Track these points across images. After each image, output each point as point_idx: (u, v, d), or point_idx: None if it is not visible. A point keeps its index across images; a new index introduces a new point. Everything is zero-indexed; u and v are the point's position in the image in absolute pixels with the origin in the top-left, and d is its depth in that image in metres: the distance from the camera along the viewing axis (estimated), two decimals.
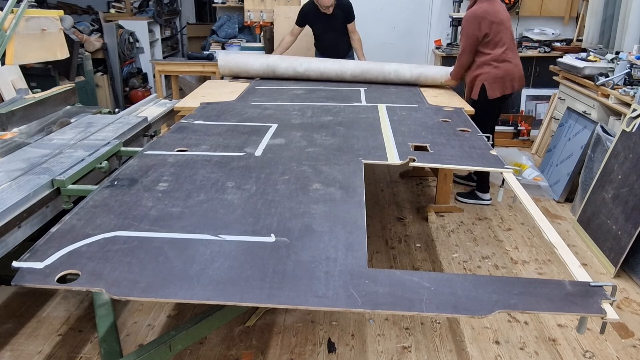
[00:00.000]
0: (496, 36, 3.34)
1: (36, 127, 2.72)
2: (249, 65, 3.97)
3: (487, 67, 3.40)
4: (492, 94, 3.41)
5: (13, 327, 2.32)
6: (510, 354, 2.19)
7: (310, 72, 3.94)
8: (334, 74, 3.93)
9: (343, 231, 1.60)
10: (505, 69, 3.39)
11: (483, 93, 3.44)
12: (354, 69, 3.91)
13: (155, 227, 1.60)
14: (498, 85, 3.41)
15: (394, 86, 3.87)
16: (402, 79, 3.90)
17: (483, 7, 3.34)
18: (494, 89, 3.41)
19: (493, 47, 3.36)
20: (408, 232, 3.25)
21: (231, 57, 4.06)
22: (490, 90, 3.41)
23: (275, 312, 2.43)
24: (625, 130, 3.05)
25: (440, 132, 2.66)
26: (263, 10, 5.32)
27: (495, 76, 3.39)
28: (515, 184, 2.06)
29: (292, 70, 3.94)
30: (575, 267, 1.49)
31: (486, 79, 3.41)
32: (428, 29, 5.84)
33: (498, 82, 3.40)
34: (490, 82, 3.40)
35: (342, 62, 4.00)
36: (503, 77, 3.39)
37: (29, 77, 3.76)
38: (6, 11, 2.41)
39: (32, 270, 1.35)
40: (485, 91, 3.42)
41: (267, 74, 3.99)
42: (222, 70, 4.03)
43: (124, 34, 5.77)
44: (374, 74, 3.89)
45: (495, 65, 3.38)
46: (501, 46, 3.36)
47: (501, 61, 3.38)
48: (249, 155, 2.27)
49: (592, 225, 3.11)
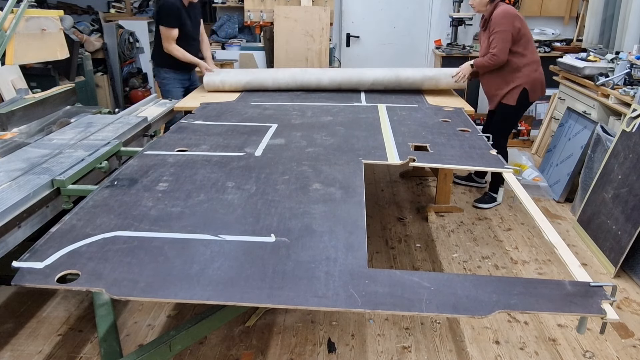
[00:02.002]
0: (526, 35, 3.25)
1: (36, 127, 2.72)
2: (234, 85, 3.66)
3: (527, 70, 3.28)
4: (534, 97, 3.34)
5: (13, 327, 2.32)
6: (510, 354, 2.19)
7: (311, 83, 3.65)
8: (349, 83, 3.64)
9: (343, 231, 1.60)
10: (541, 71, 3.35)
11: (523, 97, 3.33)
12: (375, 78, 3.60)
13: (155, 227, 1.60)
14: (539, 88, 3.35)
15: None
16: (414, 85, 3.64)
17: (509, 7, 3.25)
18: (536, 92, 3.34)
19: (525, 47, 3.26)
20: (408, 232, 3.25)
21: (218, 78, 3.65)
22: (532, 93, 3.33)
23: (275, 312, 2.42)
24: (625, 130, 3.05)
25: (440, 132, 2.66)
26: (263, 10, 5.32)
27: (535, 79, 3.31)
28: (515, 184, 2.06)
29: (288, 83, 3.66)
30: (575, 267, 1.49)
31: (527, 82, 3.29)
32: (428, 29, 5.84)
33: (539, 85, 3.34)
34: (532, 85, 3.31)
35: (352, 72, 3.66)
36: (541, 79, 3.35)
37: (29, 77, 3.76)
38: (6, 11, 2.41)
39: (32, 270, 1.35)
40: (527, 95, 3.32)
41: (256, 87, 3.69)
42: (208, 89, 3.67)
43: (124, 34, 5.77)
44: (389, 81, 3.61)
45: (535, 68, 3.31)
46: (531, 46, 3.29)
47: (538, 62, 3.32)
48: (249, 155, 2.27)
49: (592, 225, 3.11)
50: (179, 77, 3.83)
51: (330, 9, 5.11)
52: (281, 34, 5.06)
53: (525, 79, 3.29)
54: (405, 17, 5.78)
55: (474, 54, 5.57)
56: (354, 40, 5.85)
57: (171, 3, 3.56)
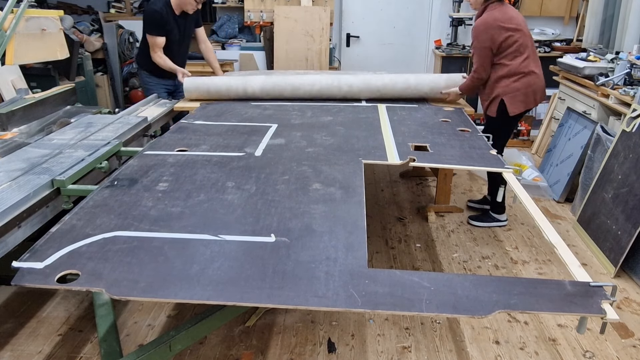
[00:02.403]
0: (512, 45, 2.93)
1: (36, 127, 2.72)
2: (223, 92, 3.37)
3: (506, 81, 3.00)
4: (513, 109, 3.01)
5: (13, 327, 2.32)
6: (510, 354, 2.19)
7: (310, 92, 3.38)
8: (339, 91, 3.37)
9: (343, 231, 1.60)
10: (527, 81, 2.99)
11: (502, 109, 3.04)
12: (378, 84, 3.36)
13: (155, 227, 1.60)
14: (519, 99, 3.01)
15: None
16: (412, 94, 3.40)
17: (493, 15, 2.92)
18: (515, 104, 3.01)
19: (512, 58, 2.96)
20: (408, 232, 3.25)
21: (200, 82, 3.38)
22: (511, 105, 3.01)
23: (275, 312, 2.42)
24: (625, 130, 3.05)
25: (440, 132, 2.66)
26: (263, 10, 5.32)
27: (515, 90, 2.99)
28: (515, 184, 2.06)
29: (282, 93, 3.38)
30: (575, 267, 1.49)
31: (505, 93, 3.01)
32: (428, 29, 5.84)
33: (519, 96, 3.00)
34: (511, 96, 3.00)
35: (342, 78, 3.39)
36: (525, 90, 3.00)
37: (29, 77, 3.76)
38: (6, 11, 2.41)
39: (32, 270, 1.35)
40: (505, 107, 3.02)
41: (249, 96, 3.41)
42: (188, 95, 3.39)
43: (124, 34, 5.77)
44: (397, 89, 3.36)
45: (515, 79, 2.98)
46: (520, 55, 2.96)
47: (521, 73, 2.97)
48: (249, 155, 2.27)
49: (592, 225, 3.11)
50: (162, 83, 3.78)
51: (330, 9, 5.11)
52: (281, 34, 5.06)
53: (502, 90, 3.01)
54: (405, 17, 5.78)
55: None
56: (354, 40, 5.85)
57: (154, 11, 3.43)
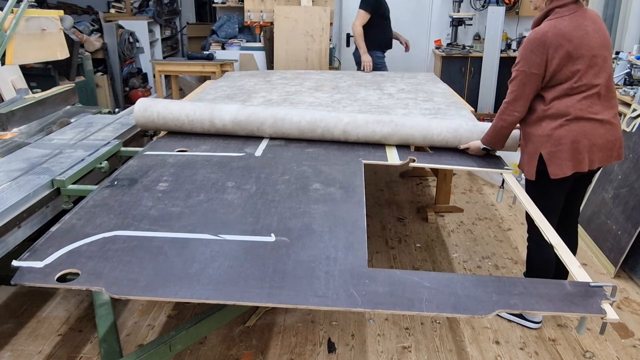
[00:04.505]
0: (574, 75, 1.91)
1: (36, 127, 2.72)
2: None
3: (548, 124, 1.97)
4: (554, 171, 1.97)
5: (13, 327, 2.32)
6: (510, 354, 2.19)
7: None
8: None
9: (343, 231, 1.60)
10: (583, 128, 1.93)
11: (541, 170, 2.02)
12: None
13: (155, 227, 1.60)
14: (566, 155, 1.95)
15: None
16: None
17: (556, 25, 1.91)
18: (557, 162, 1.97)
19: (564, 94, 1.94)
20: (408, 232, 3.25)
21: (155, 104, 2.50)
22: (552, 165, 1.98)
23: (275, 312, 2.42)
24: (625, 130, 3.05)
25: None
26: (263, 10, 5.32)
27: (559, 140, 1.95)
28: (515, 185, 2.06)
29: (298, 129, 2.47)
30: (575, 267, 1.49)
31: (545, 143, 1.98)
32: (428, 29, 5.85)
33: (565, 150, 1.95)
34: (552, 149, 1.97)
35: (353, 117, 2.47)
36: (576, 141, 1.94)
37: (29, 77, 3.76)
38: (6, 11, 2.41)
39: (32, 269, 1.35)
40: (545, 167, 2.00)
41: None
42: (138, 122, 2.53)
43: (124, 34, 5.77)
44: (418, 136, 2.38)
45: (562, 123, 1.94)
46: (582, 91, 1.92)
47: (576, 116, 1.93)
48: (249, 155, 2.27)
49: (592, 225, 3.11)
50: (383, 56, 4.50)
51: (330, 9, 5.12)
52: (281, 34, 5.06)
53: (542, 139, 1.99)
54: (405, 17, 5.78)
55: (473, 54, 5.58)
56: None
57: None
